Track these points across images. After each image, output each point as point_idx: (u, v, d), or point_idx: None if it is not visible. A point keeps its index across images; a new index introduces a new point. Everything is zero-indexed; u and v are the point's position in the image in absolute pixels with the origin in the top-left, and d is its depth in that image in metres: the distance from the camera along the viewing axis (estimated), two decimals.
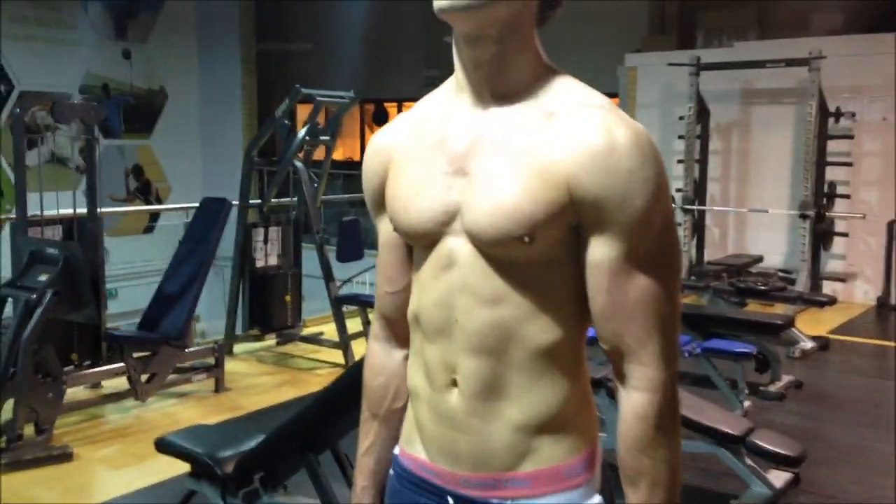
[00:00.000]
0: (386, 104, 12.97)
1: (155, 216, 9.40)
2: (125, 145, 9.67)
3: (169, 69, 9.77)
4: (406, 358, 1.28)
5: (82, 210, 4.46)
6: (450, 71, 1.16)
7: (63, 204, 4.52)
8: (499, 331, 1.10)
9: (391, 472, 1.28)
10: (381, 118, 12.28)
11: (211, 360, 4.65)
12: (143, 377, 4.27)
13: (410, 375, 1.22)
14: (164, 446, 2.78)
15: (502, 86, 1.11)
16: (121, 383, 4.30)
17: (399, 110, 13.31)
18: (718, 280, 6.95)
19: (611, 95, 9.05)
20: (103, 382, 4.44)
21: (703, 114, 7.92)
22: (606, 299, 1.07)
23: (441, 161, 1.13)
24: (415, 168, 1.16)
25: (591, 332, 1.13)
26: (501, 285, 1.09)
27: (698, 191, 8.04)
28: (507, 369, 1.11)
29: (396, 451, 1.27)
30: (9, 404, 3.66)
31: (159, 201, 9.82)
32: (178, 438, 2.78)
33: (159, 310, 4.39)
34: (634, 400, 1.08)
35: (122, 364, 4.20)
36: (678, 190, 8.05)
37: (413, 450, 1.22)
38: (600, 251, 1.06)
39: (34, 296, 3.67)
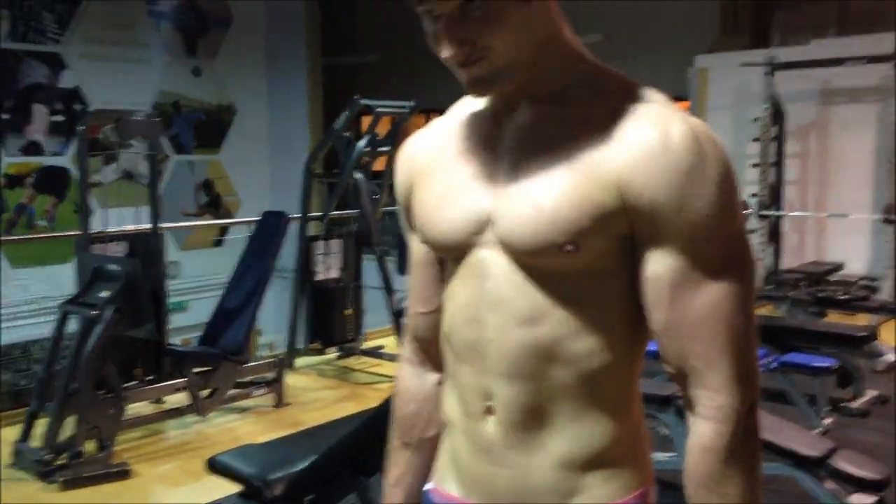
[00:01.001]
0: None
1: (224, 229, 9.53)
2: (195, 160, 9.84)
3: (237, 85, 9.92)
4: (440, 383, 1.18)
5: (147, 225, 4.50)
6: None
7: (136, 219, 4.58)
8: (538, 352, 0.98)
9: None
10: None
11: (271, 375, 4.64)
12: (204, 392, 4.28)
13: (444, 403, 1.11)
14: (214, 466, 2.74)
15: (537, 90, 1.00)
16: (183, 398, 4.31)
17: None
18: (796, 289, 6.65)
19: (681, 98, 8.78)
20: (166, 398, 4.47)
21: (778, 115, 7.61)
22: (667, 316, 0.94)
23: (471, 167, 1.02)
24: (443, 175, 1.05)
25: (652, 346, 1.02)
26: (541, 300, 0.97)
27: (774, 195, 7.73)
28: (550, 395, 0.99)
29: (428, 486, 1.16)
30: (70, 420, 3.69)
31: (229, 215, 9.95)
32: (228, 458, 2.73)
33: (219, 325, 4.39)
34: (701, 430, 0.95)
35: (183, 379, 4.22)
36: (753, 195, 7.76)
37: (446, 486, 1.11)
38: (658, 262, 0.94)
39: (95, 312, 3.70)
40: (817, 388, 4.18)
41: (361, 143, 5.16)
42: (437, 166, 1.07)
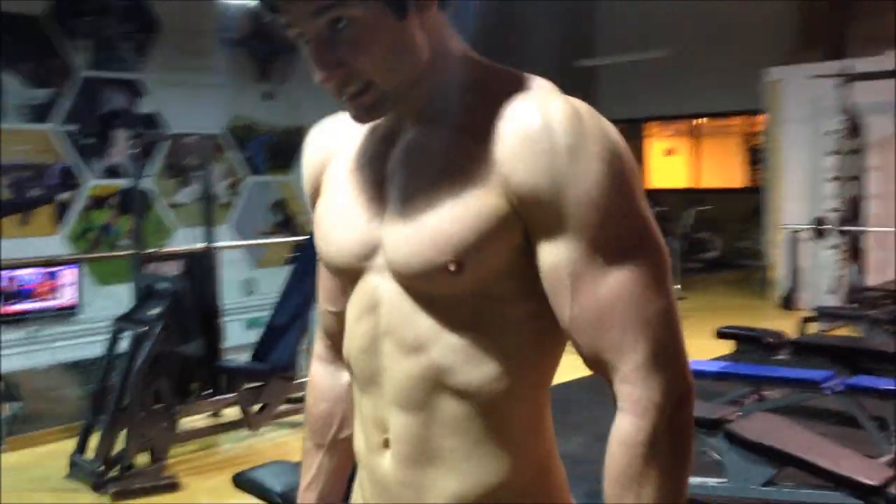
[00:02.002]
0: None
1: (297, 247, 9.71)
2: (269, 181, 10.08)
3: (308, 108, 10.11)
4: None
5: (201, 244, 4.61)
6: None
7: (212, 238, 4.66)
8: (426, 383, 0.93)
9: None
10: None
11: None
12: (255, 408, 4.34)
13: (354, 436, 1.06)
14: (240, 482, 2.76)
15: (424, 106, 0.96)
16: (239, 413, 4.39)
17: None
18: (878, 308, 6.34)
19: (753, 111, 8.47)
20: (223, 411, 4.55)
21: (855, 128, 7.31)
22: (572, 310, 0.88)
23: (363, 187, 0.98)
24: (341, 191, 1.01)
25: (705, 365, 0.94)
26: (428, 329, 0.92)
27: (854, 210, 7.42)
28: (442, 430, 0.93)
29: None
30: (124, 434, 3.79)
31: (302, 234, 10.14)
32: (254, 475, 2.74)
33: (269, 342, 4.46)
34: (618, 424, 0.88)
35: (234, 394, 4.29)
36: (833, 210, 7.47)
37: None
38: (553, 253, 0.87)
39: (144, 328, 3.80)
40: (889, 413, 3.96)
41: None
42: (337, 176, 1.03)
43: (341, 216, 1.00)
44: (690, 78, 9.66)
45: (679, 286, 8.96)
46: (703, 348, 5.37)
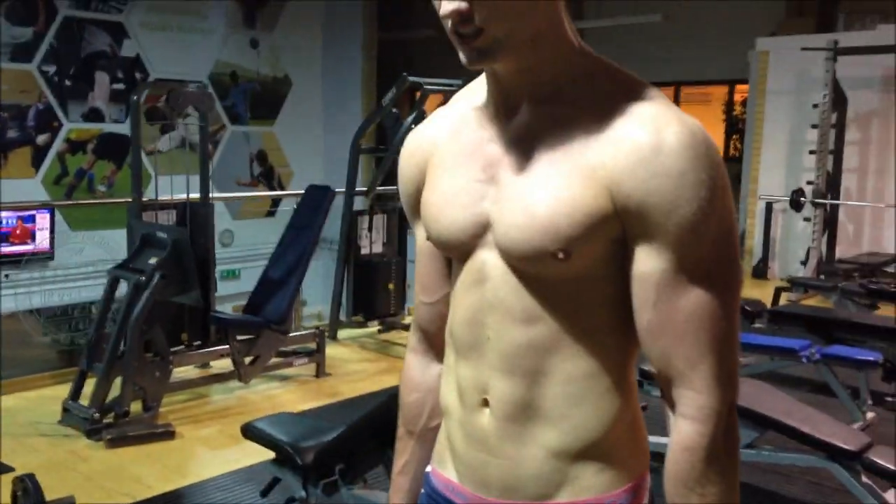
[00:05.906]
0: None
1: (276, 201, 9.66)
2: (251, 131, 9.97)
3: (293, 57, 10.00)
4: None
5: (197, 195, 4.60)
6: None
7: (194, 188, 4.63)
8: (533, 352, 1.02)
9: (422, 490, 1.21)
10: None
11: (313, 346, 4.72)
12: (247, 360, 4.38)
13: (443, 392, 1.15)
14: (249, 432, 2.82)
15: (537, 89, 1.00)
16: (228, 364, 4.43)
17: None
18: (849, 280, 6.52)
19: (741, 82, 8.52)
20: (212, 363, 4.58)
21: (839, 102, 7.42)
22: (653, 316, 0.97)
23: (475, 168, 1.04)
24: (450, 174, 1.07)
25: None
26: (534, 304, 1.01)
27: (831, 183, 7.56)
28: (544, 392, 1.03)
29: (428, 469, 1.21)
30: (118, 382, 3.81)
31: (281, 186, 10.08)
32: (263, 425, 2.81)
33: (263, 295, 4.48)
34: (682, 429, 0.98)
35: (226, 346, 4.32)
36: (809, 182, 7.60)
37: (444, 470, 1.15)
38: (647, 263, 0.96)
39: (142, 278, 3.81)
40: (860, 382, 4.11)
41: (409, 119, 5.19)
42: (446, 162, 1.09)
43: (452, 195, 1.06)
44: (677, 45, 9.69)
45: None
46: None
